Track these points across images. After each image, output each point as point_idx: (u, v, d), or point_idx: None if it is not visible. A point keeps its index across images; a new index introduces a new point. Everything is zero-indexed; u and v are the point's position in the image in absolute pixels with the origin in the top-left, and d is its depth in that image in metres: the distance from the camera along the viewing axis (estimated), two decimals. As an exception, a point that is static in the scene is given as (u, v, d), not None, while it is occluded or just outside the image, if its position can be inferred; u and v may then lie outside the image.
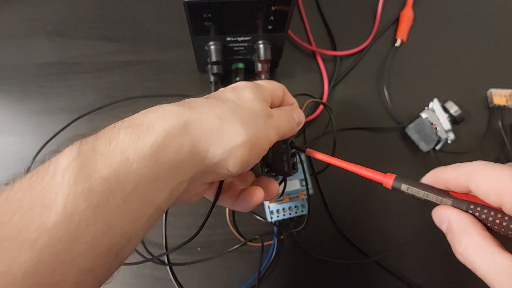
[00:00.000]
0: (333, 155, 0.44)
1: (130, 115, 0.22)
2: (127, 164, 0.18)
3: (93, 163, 0.18)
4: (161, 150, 0.20)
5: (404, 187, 0.25)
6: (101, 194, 0.17)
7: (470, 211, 0.22)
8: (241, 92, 0.25)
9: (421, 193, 0.24)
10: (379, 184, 0.47)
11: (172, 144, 0.20)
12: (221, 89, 0.27)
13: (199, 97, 0.25)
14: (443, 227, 0.23)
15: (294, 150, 0.30)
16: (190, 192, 0.25)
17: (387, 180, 0.26)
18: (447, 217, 0.22)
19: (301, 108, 0.42)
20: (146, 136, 0.20)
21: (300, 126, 0.30)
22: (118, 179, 0.18)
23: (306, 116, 0.46)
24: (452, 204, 0.22)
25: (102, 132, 0.20)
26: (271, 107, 0.27)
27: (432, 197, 0.24)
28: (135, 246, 0.20)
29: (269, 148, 0.25)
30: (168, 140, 0.20)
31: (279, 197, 0.39)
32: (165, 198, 0.20)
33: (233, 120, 0.23)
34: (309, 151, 0.30)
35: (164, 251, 0.40)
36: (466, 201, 0.22)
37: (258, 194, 0.27)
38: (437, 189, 0.24)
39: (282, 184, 0.34)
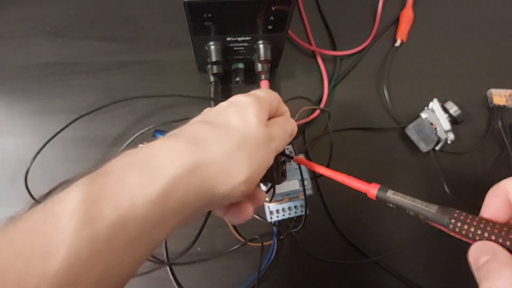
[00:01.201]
0: (330, 159, 0.44)
1: (139, 147, 0.22)
2: (134, 209, 0.18)
3: (100, 207, 0.18)
4: (169, 194, 0.20)
5: (389, 197, 0.24)
6: (105, 239, 0.17)
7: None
8: (246, 115, 0.25)
9: (406, 203, 0.23)
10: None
11: (179, 188, 0.20)
12: (225, 106, 0.26)
13: (208, 116, 0.25)
14: (482, 260, 0.19)
15: (284, 158, 0.31)
16: (191, 218, 0.26)
17: (372, 190, 0.25)
18: (492, 251, 0.19)
19: (296, 114, 0.42)
20: (154, 181, 0.19)
21: (293, 137, 0.30)
22: (124, 224, 0.18)
23: (305, 116, 0.46)
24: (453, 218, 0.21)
25: (110, 167, 0.20)
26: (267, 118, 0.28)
27: (417, 207, 0.23)
28: (129, 280, 0.20)
29: None
30: (176, 185, 0.20)
31: (279, 198, 0.39)
32: (166, 235, 0.21)
33: (240, 156, 0.23)
34: (297, 158, 0.31)
35: (164, 250, 0.40)
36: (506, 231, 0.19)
37: (247, 211, 0.28)
38: (421, 201, 0.23)
39: (272, 190, 0.35)
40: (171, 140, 0.22)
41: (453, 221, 0.21)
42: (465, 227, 0.20)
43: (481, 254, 0.19)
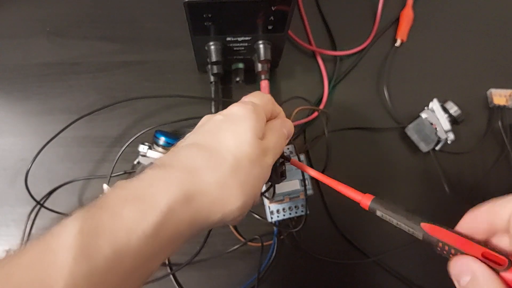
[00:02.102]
0: (326, 162, 0.44)
1: (134, 178, 0.22)
2: (130, 243, 0.19)
3: (96, 242, 0.18)
4: (163, 227, 0.20)
5: (379, 212, 0.24)
6: (101, 274, 0.17)
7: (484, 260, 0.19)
8: (240, 132, 0.24)
9: (394, 220, 0.23)
10: (379, 185, 0.47)
11: (173, 219, 0.20)
12: (219, 122, 0.26)
13: (203, 134, 0.25)
14: (463, 280, 0.20)
15: (282, 159, 0.31)
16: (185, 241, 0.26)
17: (365, 200, 0.25)
18: (471, 271, 0.19)
19: (291, 115, 0.42)
20: (149, 214, 0.20)
21: (290, 137, 0.30)
22: (120, 258, 0.18)
23: (305, 116, 0.46)
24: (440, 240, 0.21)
25: (106, 200, 0.20)
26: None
27: (405, 225, 0.23)
28: None
29: None
30: (170, 217, 0.20)
31: (280, 198, 0.39)
32: (161, 262, 0.21)
33: (233, 184, 0.23)
34: (294, 161, 0.31)
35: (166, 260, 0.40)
36: (481, 247, 0.20)
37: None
38: (411, 217, 0.23)
39: (272, 190, 0.35)
40: (165, 170, 0.22)
41: (440, 245, 0.21)
42: (446, 248, 0.21)
43: (461, 273, 0.20)
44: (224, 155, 0.23)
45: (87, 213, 0.19)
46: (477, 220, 0.21)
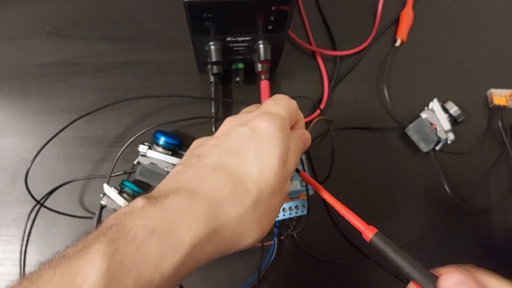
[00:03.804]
0: (330, 170, 0.43)
1: (157, 198, 0.21)
2: (152, 280, 0.19)
3: (121, 280, 0.18)
4: (185, 263, 0.20)
5: (381, 246, 0.24)
6: None
7: None
8: (267, 157, 0.24)
9: (394, 262, 0.23)
10: (379, 186, 0.47)
11: (195, 256, 0.21)
12: (244, 138, 0.25)
13: (227, 151, 0.24)
14: None
15: None
16: None
17: (368, 233, 0.25)
18: None
19: (309, 126, 0.41)
20: (175, 254, 0.20)
21: (305, 150, 0.30)
22: None
23: (306, 116, 0.46)
24: None
25: (132, 232, 0.20)
26: None
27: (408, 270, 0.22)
28: None
29: None
30: (193, 254, 0.20)
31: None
32: None
33: (253, 219, 0.23)
34: (303, 174, 0.30)
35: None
36: None
37: None
38: (419, 268, 0.22)
39: None
40: (191, 201, 0.22)
41: None
42: None
43: None
44: (248, 186, 0.23)
45: (111, 247, 0.19)
46: None
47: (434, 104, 0.46)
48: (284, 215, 0.39)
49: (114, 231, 0.19)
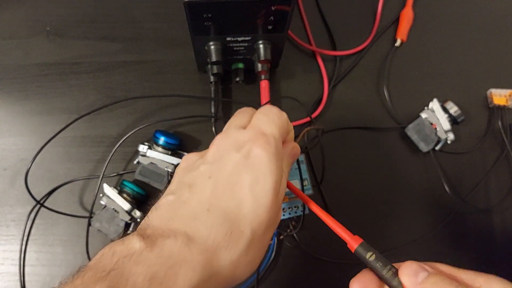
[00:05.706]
0: (322, 177, 0.43)
1: (153, 250, 0.21)
2: None
3: None
4: None
5: (367, 255, 0.25)
6: None
7: None
8: (261, 190, 0.24)
9: (378, 269, 0.24)
10: (379, 186, 0.47)
11: None
12: (238, 167, 0.24)
13: (221, 184, 0.24)
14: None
15: None
16: None
17: (353, 243, 0.26)
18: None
19: (299, 136, 0.41)
20: None
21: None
22: None
23: (300, 119, 0.46)
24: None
25: (131, 277, 0.20)
26: None
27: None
28: None
29: None
30: None
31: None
32: None
33: (246, 262, 0.24)
34: (289, 184, 0.30)
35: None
36: None
37: None
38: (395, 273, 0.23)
39: None
40: (187, 249, 0.22)
41: None
42: None
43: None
44: (241, 228, 0.23)
45: None
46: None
47: (434, 104, 0.46)
48: (283, 215, 0.39)
49: (112, 278, 0.19)
